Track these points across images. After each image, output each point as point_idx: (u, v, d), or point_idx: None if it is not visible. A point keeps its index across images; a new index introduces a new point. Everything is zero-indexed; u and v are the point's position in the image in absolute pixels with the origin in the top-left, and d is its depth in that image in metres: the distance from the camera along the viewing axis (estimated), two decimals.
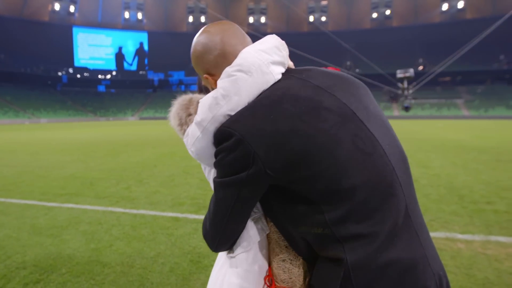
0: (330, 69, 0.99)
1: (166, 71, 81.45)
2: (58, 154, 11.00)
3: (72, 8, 73.78)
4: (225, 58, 0.91)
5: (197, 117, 0.89)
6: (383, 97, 62.60)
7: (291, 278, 0.92)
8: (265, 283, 0.95)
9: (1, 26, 63.74)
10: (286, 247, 0.94)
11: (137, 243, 3.50)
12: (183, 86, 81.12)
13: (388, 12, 73.49)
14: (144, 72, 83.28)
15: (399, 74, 32.90)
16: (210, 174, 1.01)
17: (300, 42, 75.19)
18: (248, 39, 0.97)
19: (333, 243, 0.80)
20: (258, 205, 0.95)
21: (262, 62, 0.87)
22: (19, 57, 67.17)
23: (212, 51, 0.92)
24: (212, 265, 2.94)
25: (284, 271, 0.92)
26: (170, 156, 10.16)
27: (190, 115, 1.00)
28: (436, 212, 4.47)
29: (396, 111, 56.76)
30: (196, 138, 0.90)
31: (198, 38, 0.95)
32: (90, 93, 74.93)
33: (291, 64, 0.99)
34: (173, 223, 4.12)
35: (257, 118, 0.81)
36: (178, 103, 1.04)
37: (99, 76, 79.64)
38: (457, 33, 66.40)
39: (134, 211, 4.60)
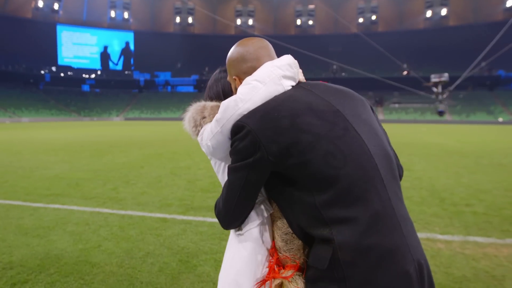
0: (331, 84, 1.17)
1: (152, 71, 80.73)
2: (42, 154, 10.82)
3: (56, 6, 72.30)
4: (254, 69, 1.12)
5: (218, 116, 1.08)
6: (368, 101, 63.64)
7: (292, 248, 1.08)
8: (269, 254, 1.11)
9: None
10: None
11: (125, 243, 3.52)
12: (169, 87, 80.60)
13: (374, 17, 74.73)
14: (130, 72, 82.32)
15: (434, 78, 32.88)
16: (220, 167, 1.20)
17: (287, 45, 75.74)
18: (275, 55, 1.17)
19: (323, 225, 0.94)
20: (262, 190, 1.11)
21: (275, 76, 1.06)
22: (0, 54, 65.52)
23: (247, 62, 1.13)
24: (201, 265, 3.00)
25: (286, 243, 1.08)
26: (157, 157, 10.12)
27: (204, 117, 1.19)
28: (418, 213, 4.62)
29: (381, 114, 57.67)
30: (214, 134, 1.09)
31: (237, 48, 1.15)
32: (74, 93, 73.62)
33: (302, 79, 1.19)
34: (161, 223, 4.14)
35: (264, 115, 1.00)
36: (193, 109, 1.24)
37: (84, 75, 78.28)
38: (440, 39, 68.05)
39: (122, 212, 4.60)
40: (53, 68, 74.90)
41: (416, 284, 0.92)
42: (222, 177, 1.20)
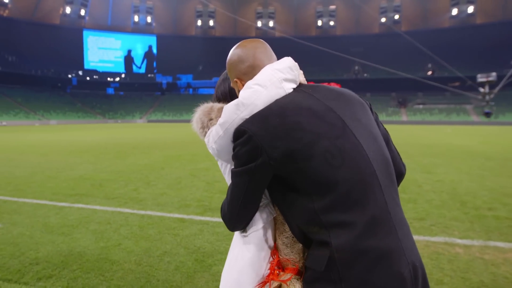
0: (333, 86, 1.18)
1: (174, 74, 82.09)
2: (68, 156, 11.23)
3: (82, 12, 74.88)
4: (253, 69, 1.13)
5: (221, 120, 1.10)
6: (391, 102, 62.34)
7: (292, 251, 1.11)
8: (271, 256, 1.14)
9: (13, 29, 64.93)
10: None
11: (144, 242, 3.63)
12: (191, 89, 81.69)
13: (397, 16, 73.33)
14: (152, 75, 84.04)
15: (480, 78, 31.61)
16: (226, 169, 1.24)
17: (307, 46, 75.32)
18: (274, 56, 1.18)
19: (321, 229, 0.97)
20: (267, 193, 1.14)
21: (276, 79, 1.07)
22: (30, 59, 68.26)
23: (245, 62, 1.13)
24: (216, 264, 3.07)
25: (287, 246, 1.12)
26: (177, 159, 10.32)
27: (211, 119, 1.22)
28: (437, 217, 4.53)
29: (404, 116, 56.45)
30: (218, 136, 1.11)
31: (235, 50, 1.17)
32: (99, 96, 75.82)
33: (303, 80, 1.20)
34: (179, 223, 4.25)
35: (265, 120, 1.01)
36: (200, 110, 1.27)
37: (108, 79, 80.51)
38: (467, 38, 66.01)
39: (142, 212, 4.74)
40: (80, 72, 77.44)
41: (410, 286, 0.95)
42: (228, 177, 1.24)
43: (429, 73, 64.41)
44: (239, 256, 1.16)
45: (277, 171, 1.00)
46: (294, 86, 1.12)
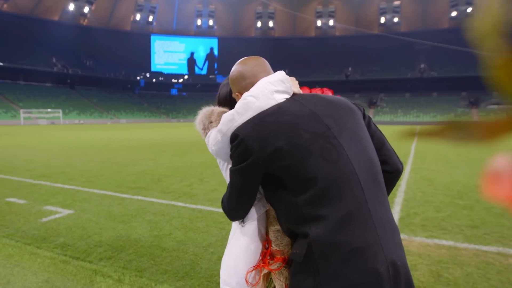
0: (326, 93, 1.27)
1: None
2: (133, 152, 12.20)
3: (150, 18, 79.96)
4: (252, 85, 1.25)
5: (219, 126, 1.27)
6: (461, 102, 57.86)
7: (282, 243, 1.24)
8: (263, 245, 1.29)
9: (91, 36, 71.40)
10: None
11: (192, 233, 3.93)
12: None
13: (469, 9, 67.83)
14: (213, 76, 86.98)
15: None
16: (223, 166, 1.40)
17: (368, 44, 72.63)
18: (271, 70, 1.30)
19: (303, 222, 1.07)
20: (261, 189, 1.27)
21: (268, 91, 1.20)
22: (104, 63, 74.56)
23: (246, 79, 1.26)
24: None
25: (277, 238, 1.25)
26: None
27: (211, 122, 1.39)
28: (494, 226, 4.26)
29: (476, 117, 52.17)
30: (217, 141, 1.28)
31: (237, 67, 1.29)
32: (164, 96, 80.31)
33: (297, 90, 1.31)
34: (225, 218, 4.49)
35: (255, 124, 1.14)
36: (202, 113, 1.44)
37: (172, 80, 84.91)
38: None
39: (193, 206, 5.08)
40: (147, 74, 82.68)
41: (387, 283, 0.98)
42: (225, 174, 1.40)
43: None
44: (236, 244, 1.32)
45: (266, 169, 1.11)
46: (287, 96, 1.23)
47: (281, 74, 1.25)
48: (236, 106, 1.25)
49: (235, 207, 1.22)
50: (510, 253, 3.46)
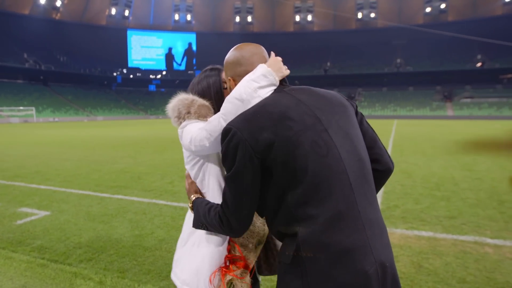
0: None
1: None
2: (111, 150, 11.92)
3: (126, 12, 78.02)
4: (247, 72, 1.22)
5: (208, 133, 1.23)
6: (435, 96, 59.44)
7: (245, 250, 1.34)
8: (227, 250, 1.36)
9: (64, 31, 69.02)
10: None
11: (175, 232, 3.87)
12: None
13: (443, 5, 69.50)
14: (192, 72, 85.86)
15: None
16: (192, 161, 1.38)
17: (345, 40, 73.47)
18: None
19: (292, 221, 1.04)
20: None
21: (251, 90, 1.18)
22: (78, 59, 72.28)
23: (241, 66, 1.23)
24: None
25: (241, 245, 1.35)
26: None
27: (189, 113, 1.35)
28: (470, 216, 4.40)
29: (450, 110, 53.55)
30: (202, 145, 1.25)
31: (234, 52, 1.25)
32: (141, 92, 78.79)
33: (284, 72, 1.25)
34: None
35: (246, 118, 1.10)
36: (179, 100, 1.39)
37: (150, 76, 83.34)
38: None
39: (175, 204, 5.01)
40: (124, 70, 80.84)
41: (375, 284, 0.97)
42: (189, 167, 1.40)
43: (479, 64, 60.55)
44: (201, 245, 1.32)
45: (262, 163, 1.06)
46: (273, 88, 1.19)
47: (262, 68, 1.20)
48: (222, 109, 1.22)
49: (243, 216, 1.12)
50: (485, 242, 3.58)
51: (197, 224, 1.26)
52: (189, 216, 1.44)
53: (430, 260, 3.14)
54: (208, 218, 1.19)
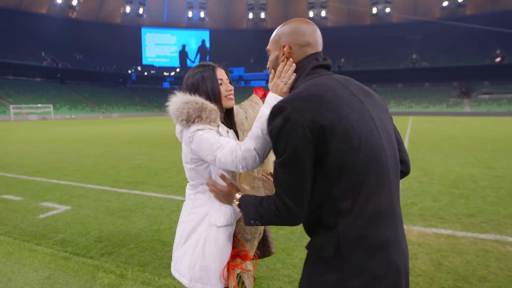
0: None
1: (226, 67, 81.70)
2: (127, 147, 12.11)
3: (141, 10, 78.79)
4: (308, 45, 1.19)
5: (254, 144, 1.24)
6: (452, 92, 58.22)
7: (246, 244, 1.48)
8: (232, 246, 1.48)
9: (80, 29, 70.22)
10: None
11: None
12: (242, 82, 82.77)
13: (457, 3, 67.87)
14: None
15: None
16: (196, 162, 1.42)
17: (360, 35, 72.49)
18: (320, 46, 1.24)
19: (335, 213, 1.03)
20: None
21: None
22: (94, 57, 73.46)
23: (305, 37, 1.18)
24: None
25: (246, 240, 1.47)
26: None
27: (199, 117, 1.34)
28: (490, 214, 4.32)
29: (467, 107, 52.39)
30: (252, 164, 1.26)
31: (301, 23, 1.20)
32: (155, 90, 79.54)
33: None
34: None
35: (302, 98, 1.04)
36: (188, 103, 1.37)
37: (164, 73, 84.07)
38: None
39: None
40: (138, 68, 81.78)
41: (403, 278, 1.03)
42: (194, 168, 1.43)
43: (498, 59, 59.00)
44: (207, 243, 1.37)
45: (316, 147, 1.00)
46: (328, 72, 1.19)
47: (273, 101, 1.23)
48: (255, 141, 1.23)
49: (304, 201, 1.05)
50: (507, 240, 3.52)
51: (248, 221, 1.19)
52: (187, 214, 1.49)
53: (449, 258, 3.11)
54: (261, 211, 1.13)
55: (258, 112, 1.46)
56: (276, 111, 1.04)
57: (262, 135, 1.21)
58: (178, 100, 1.39)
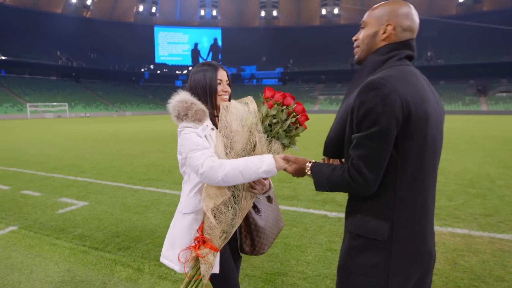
0: (288, 101, 1.54)
1: (238, 65, 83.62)
2: (141, 144, 12.26)
3: (153, 9, 79.46)
4: (409, 30, 1.20)
5: (206, 169, 1.44)
6: (468, 90, 57.11)
7: (211, 233, 1.51)
8: (197, 231, 1.57)
9: (94, 28, 71.24)
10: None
11: None
12: (254, 80, 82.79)
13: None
14: None
15: None
16: (185, 157, 1.52)
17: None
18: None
19: (393, 199, 1.12)
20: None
21: (254, 174, 1.41)
22: (108, 56, 74.43)
23: (409, 21, 1.20)
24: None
25: (209, 227, 1.51)
26: None
27: (186, 115, 1.51)
28: (507, 214, 4.25)
29: (484, 105, 51.31)
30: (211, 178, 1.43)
31: (410, 7, 1.21)
32: (168, 88, 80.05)
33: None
34: None
35: (399, 79, 1.09)
36: (179, 101, 1.54)
37: (177, 72, 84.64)
38: None
39: None
40: (151, 66, 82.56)
41: (433, 264, 1.16)
42: (185, 168, 1.59)
43: None
44: (176, 226, 1.60)
45: (398, 129, 1.06)
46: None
47: (269, 166, 1.40)
48: (231, 167, 1.41)
49: (379, 174, 1.09)
50: None
51: (319, 187, 1.22)
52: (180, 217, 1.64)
53: (465, 258, 3.08)
54: (333, 177, 1.16)
55: (241, 111, 1.58)
56: (375, 86, 1.06)
57: (240, 174, 1.38)
58: (175, 99, 1.56)
